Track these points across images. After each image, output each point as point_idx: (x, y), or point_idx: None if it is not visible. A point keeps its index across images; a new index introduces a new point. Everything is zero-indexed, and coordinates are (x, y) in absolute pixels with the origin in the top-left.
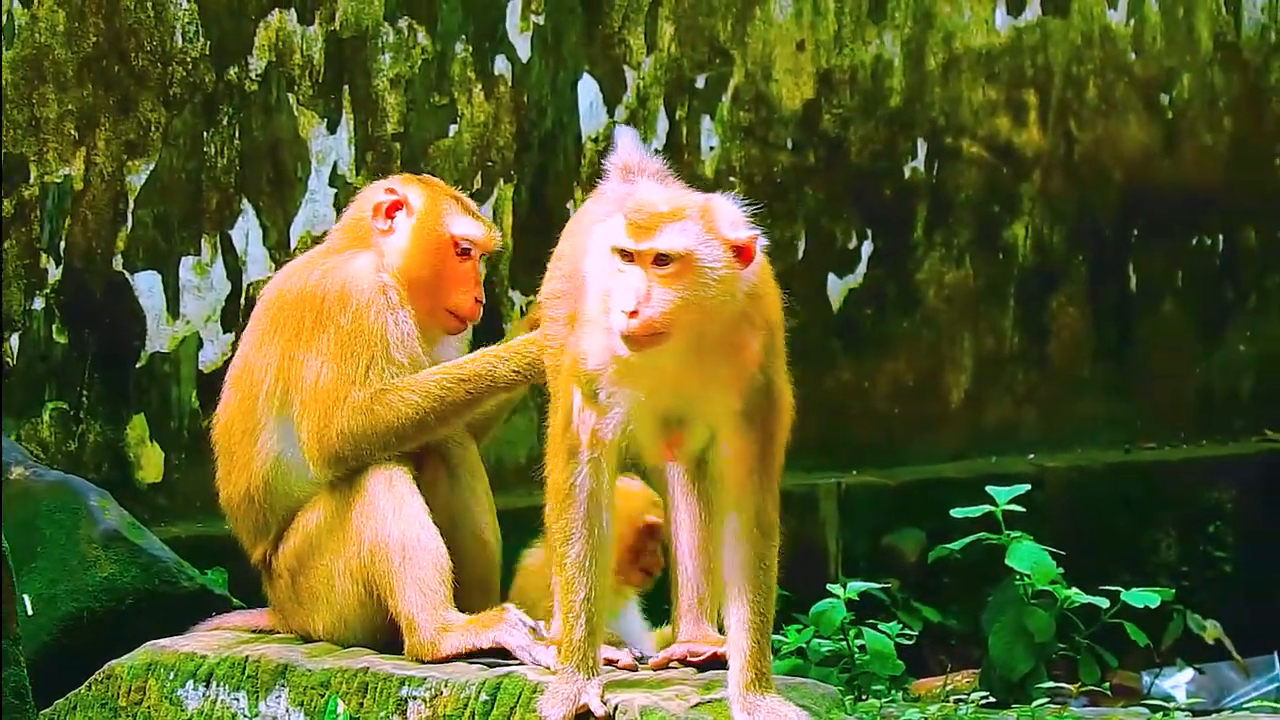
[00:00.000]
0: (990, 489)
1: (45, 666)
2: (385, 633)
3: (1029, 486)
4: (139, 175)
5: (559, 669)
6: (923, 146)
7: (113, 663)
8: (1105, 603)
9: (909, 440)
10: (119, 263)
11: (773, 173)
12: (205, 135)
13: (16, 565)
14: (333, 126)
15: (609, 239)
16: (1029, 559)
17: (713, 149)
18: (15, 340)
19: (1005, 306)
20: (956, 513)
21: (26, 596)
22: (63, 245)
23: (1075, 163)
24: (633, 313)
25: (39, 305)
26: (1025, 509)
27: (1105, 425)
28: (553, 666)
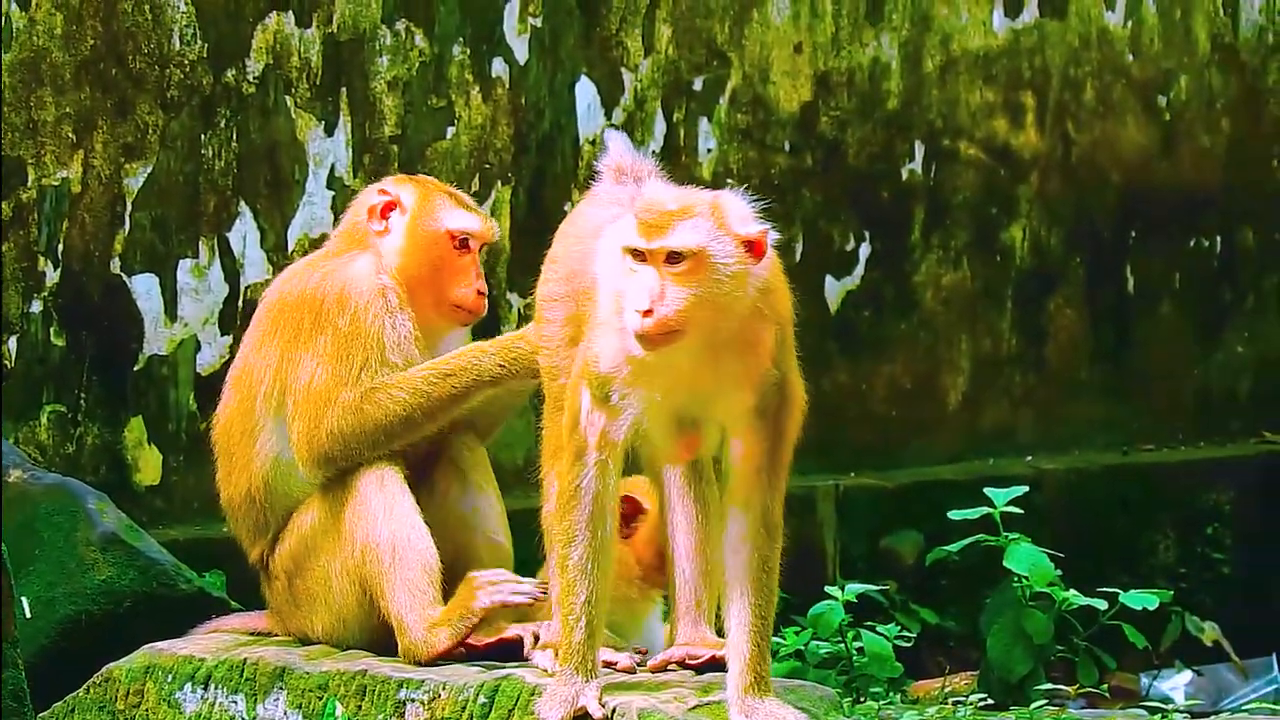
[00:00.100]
0: (988, 491)
1: (43, 669)
2: (383, 633)
3: (1027, 488)
4: (137, 178)
5: (557, 671)
6: (920, 148)
7: (111, 665)
8: (1103, 604)
9: (907, 442)
10: (117, 265)
11: (770, 175)
12: (203, 138)
13: (15, 568)
14: (330, 129)
15: (620, 239)
16: (1027, 561)
17: (710, 151)
18: (13, 343)
19: (1003, 308)
20: (954, 515)
21: (25, 599)
22: (60, 248)
23: (1073, 164)
24: (647, 312)
25: (37, 308)
26: (1023, 511)
27: (1103, 427)
28: (550, 669)
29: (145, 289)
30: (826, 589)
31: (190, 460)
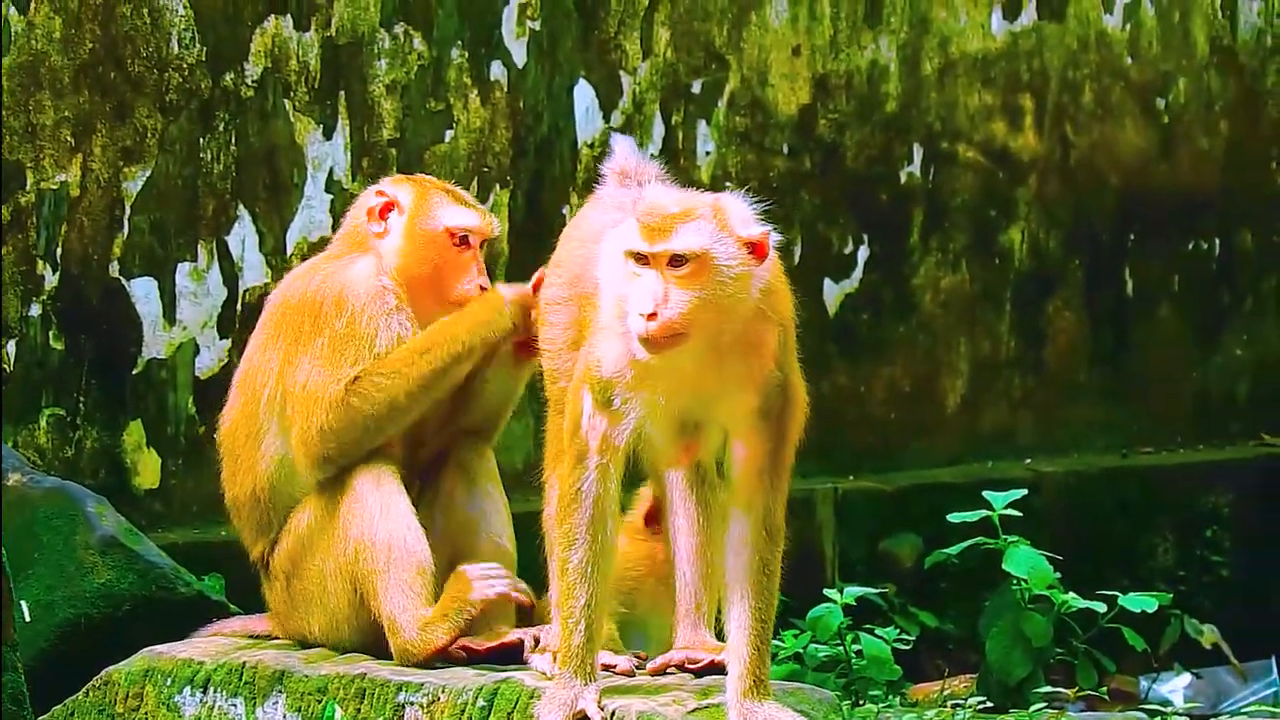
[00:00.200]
0: (987, 494)
1: (43, 673)
2: (377, 634)
3: (1026, 491)
4: (135, 181)
5: (556, 674)
6: (919, 151)
7: (110, 669)
8: (1102, 607)
9: (905, 445)
10: (115, 269)
11: (769, 178)
12: (201, 141)
13: (14, 571)
14: (329, 132)
15: (622, 243)
16: (1026, 564)
17: (709, 154)
18: (12, 347)
19: (1001, 311)
20: (953, 517)
21: (24, 603)
22: (59, 252)
23: (1071, 167)
24: (651, 315)
25: (36, 312)
26: (1022, 514)
27: (1102, 430)
28: (550, 672)
29: (144, 292)
30: (825, 592)
31: (189, 464)
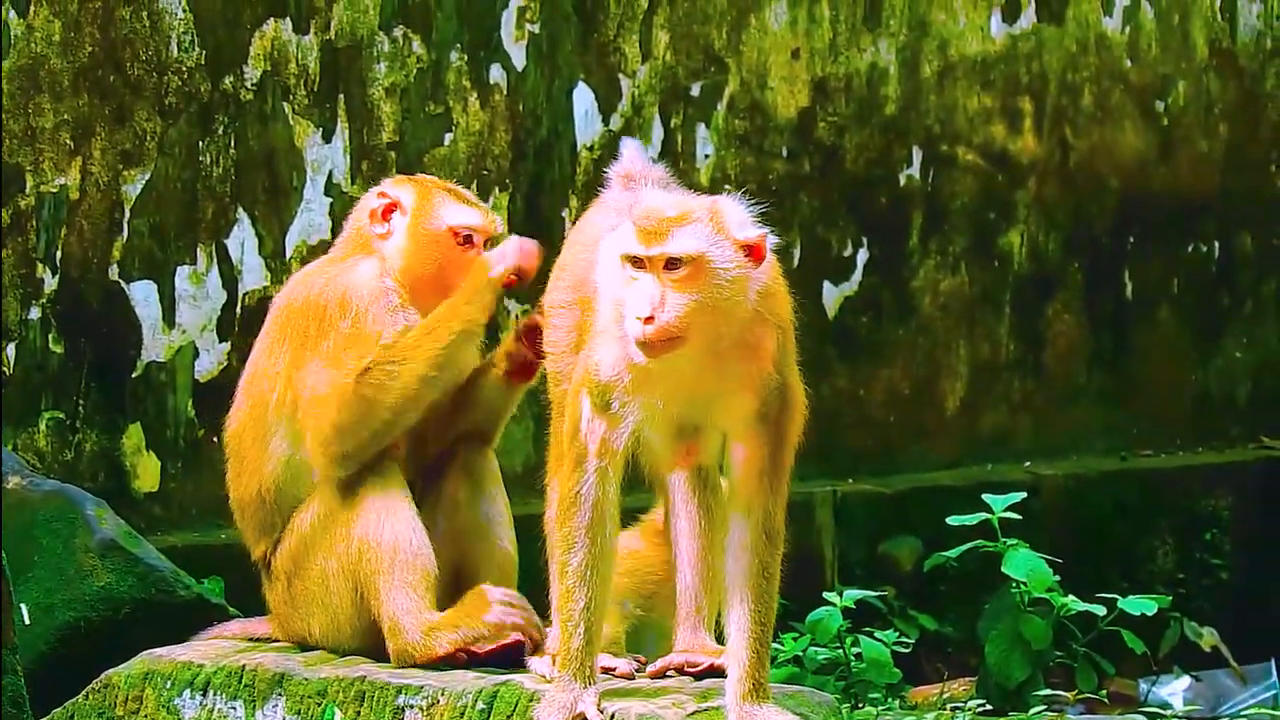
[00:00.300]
0: (986, 496)
1: (42, 676)
2: (377, 635)
3: (1025, 494)
4: (135, 185)
5: (556, 677)
6: (918, 154)
7: (109, 672)
8: (1102, 610)
9: (905, 448)
10: (115, 272)
11: (768, 181)
12: (201, 144)
13: (13, 574)
14: (328, 135)
15: (619, 247)
16: (1025, 566)
17: (708, 157)
18: (12, 350)
19: (1001, 314)
20: (953, 520)
21: (24, 606)
22: (59, 255)
23: (1070, 170)
24: (648, 319)
25: (35, 315)
26: (1021, 516)
27: (1101, 432)
28: (549, 675)
29: (143, 296)
30: (825, 595)
31: (189, 467)
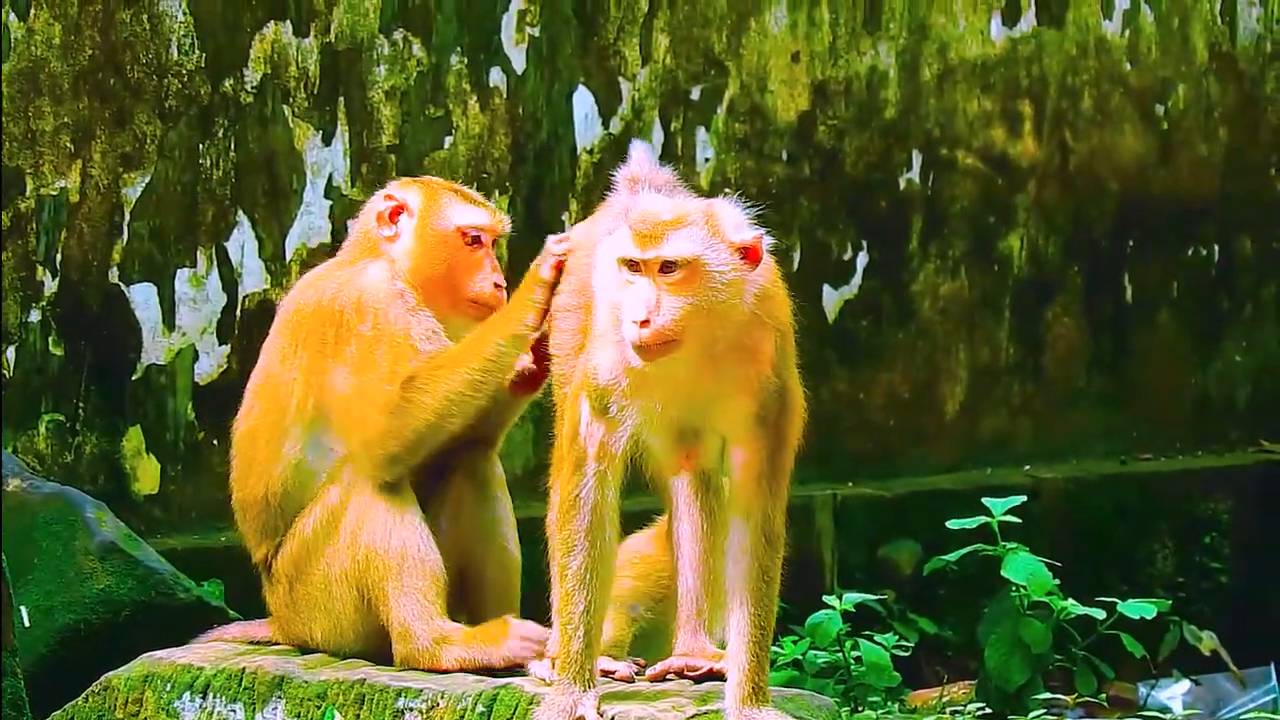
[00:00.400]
0: (986, 500)
1: (42, 678)
2: (380, 641)
3: (1025, 498)
4: (135, 188)
5: (555, 681)
6: (918, 158)
7: (109, 674)
8: (1101, 614)
9: (904, 452)
10: (115, 275)
11: (768, 184)
12: (201, 147)
13: (13, 577)
14: (328, 139)
15: (615, 250)
16: (1025, 570)
17: (708, 160)
18: (12, 353)
19: (1000, 318)
20: (952, 524)
21: (23, 608)
22: (59, 258)
23: (1070, 173)
24: (644, 322)
25: (35, 318)
26: (1021, 520)
27: (1101, 436)
28: (549, 679)
29: (143, 298)
30: (824, 598)
31: (188, 469)
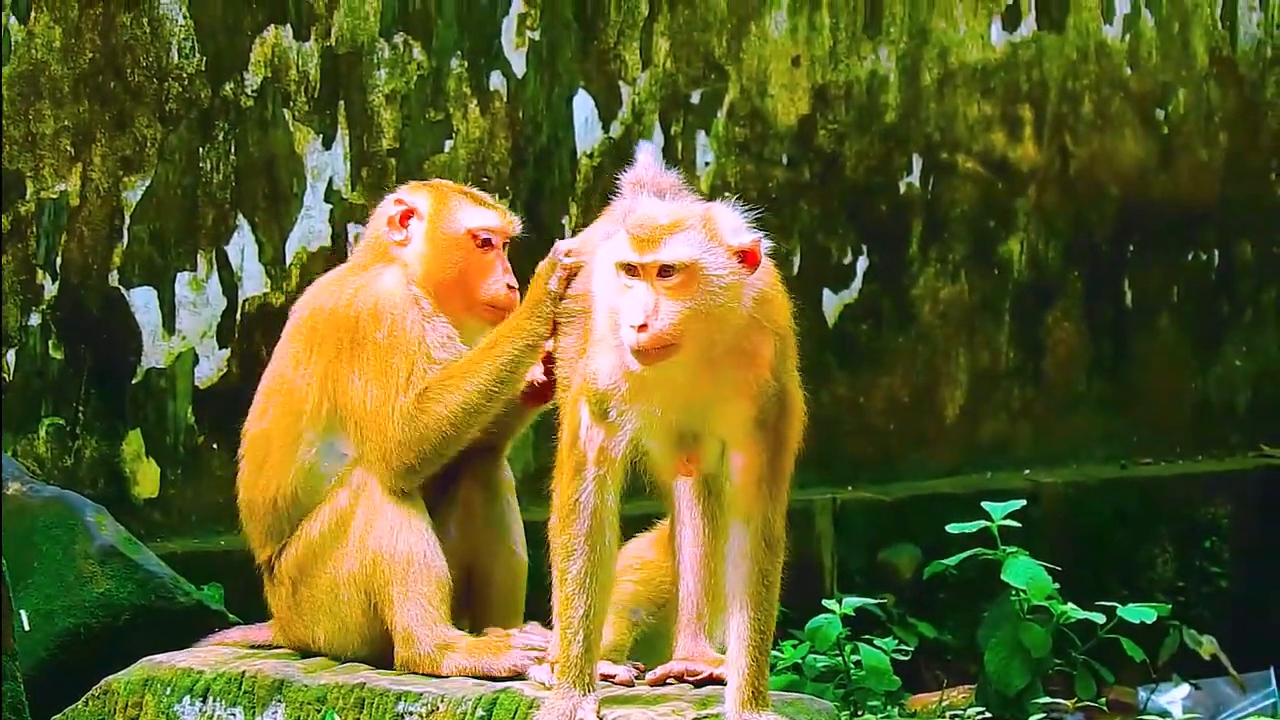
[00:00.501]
0: (986, 504)
1: (42, 682)
2: (384, 645)
3: (1025, 502)
4: (135, 191)
5: (555, 685)
6: (918, 162)
7: (109, 678)
8: (1101, 618)
9: (904, 456)
10: (115, 278)
11: (768, 188)
12: (201, 151)
13: (13, 581)
14: (328, 142)
15: (613, 255)
16: (1025, 574)
17: (708, 164)
18: (11, 356)
19: (1001, 322)
20: (952, 528)
21: (23, 612)
22: (59, 261)
23: (1071, 178)
24: (642, 326)
25: (35, 321)
26: (1021, 524)
27: (1101, 440)
28: (549, 683)
29: (143, 302)
30: (824, 602)
31: (188, 473)
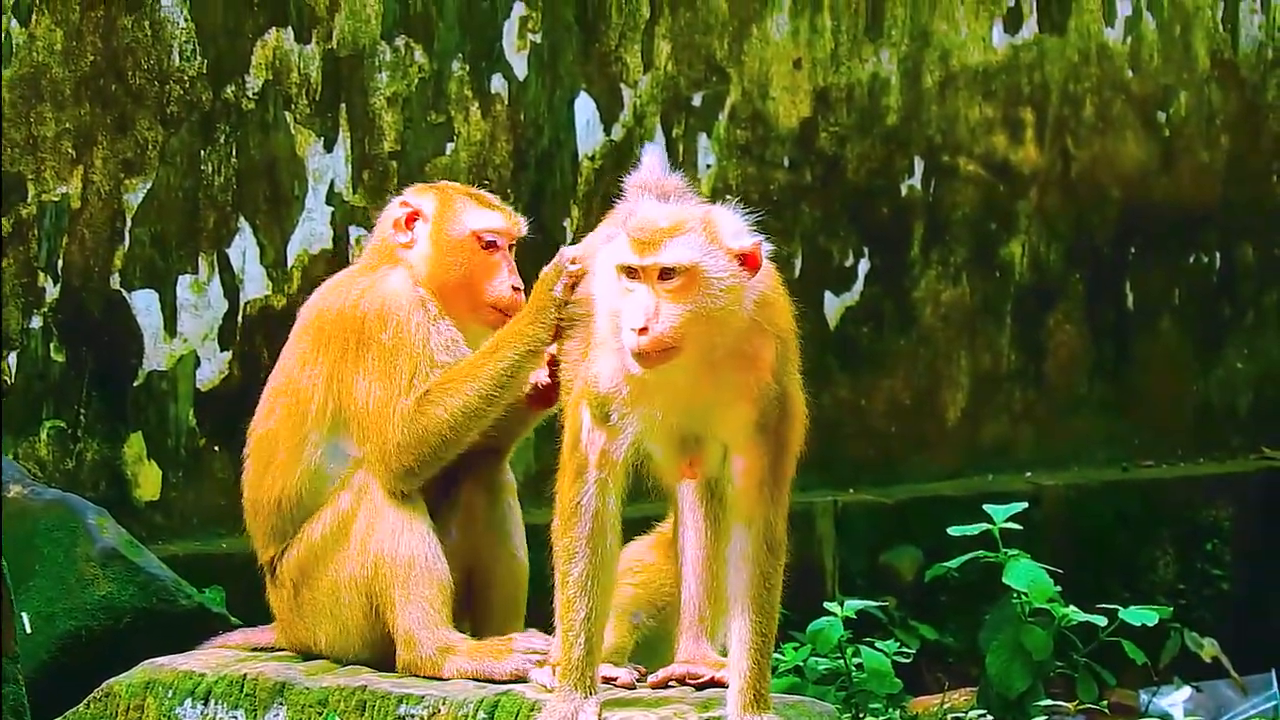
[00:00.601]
0: (987, 507)
1: (43, 685)
2: (386, 647)
3: (1026, 504)
4: (136, 194)
5: (557, 688)
6: (919, 164)
7: (111, 681)
8: (1103, 621)
9: (906, 458)
10: (116, 281)
11: (769, 191)
12: (202, 154)
13: (15, 583)
14: (330, 145)
15: (614, 258)
16: (1026, 577)
17: (709, 167)
18: (13, 359)
19: (1002, 324)
20: (954, 531)
21: (25, 615)
22: (60, 264)
23: (1072, 180)
24: (642, 329)
25: (37, 324)
26: (1022, 527)
27: (1103, 443)
28: (550, 685)
29: (145, 305)
30: (825, 605)
31: (190, 476)
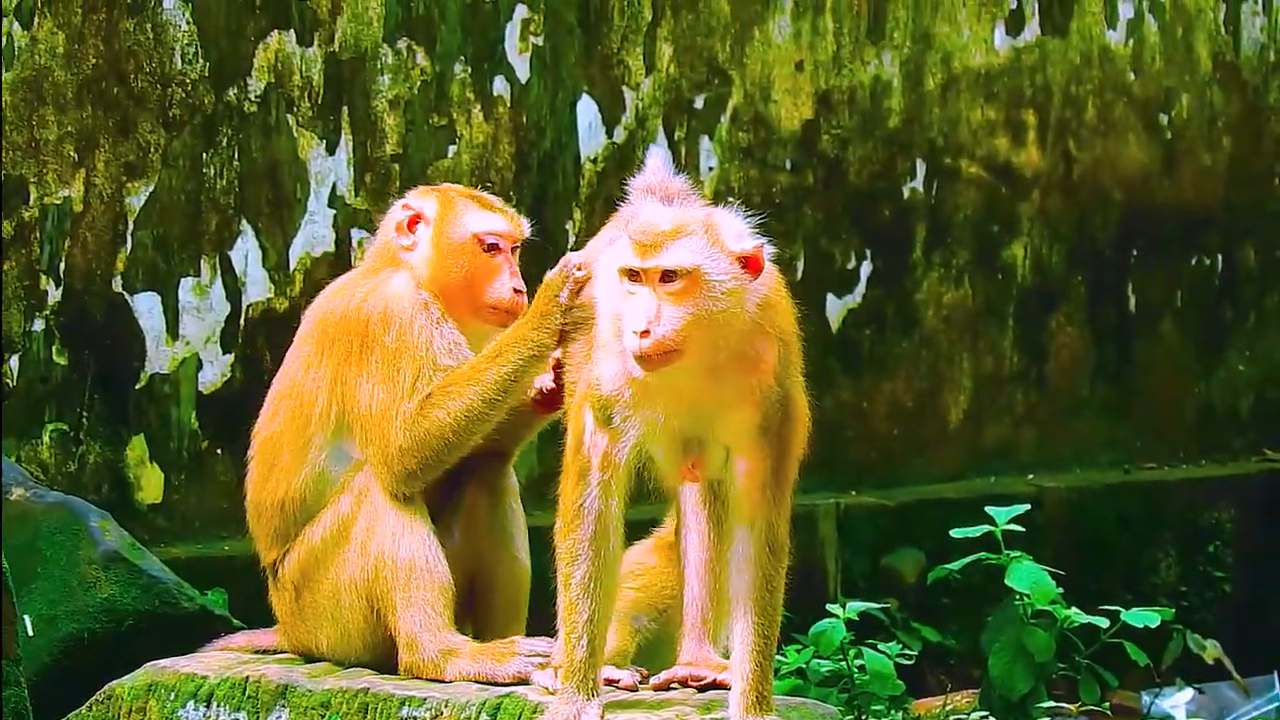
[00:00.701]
0: (989, 509)
1: (46, 687)
2: (387, 650)
3: (1028, 506)
4: (138, 197)
5: (560, 690)
6: (921, 167)
7: (113, 683)
8: (1105, 622)
9: (908, 460)
10: (118, 284)
11: (771, 193)
12: (204, 156)
13: (17, 586)
14: (332, 148)
15: (616, 261)
16: (1028, 579)
17: (711, 170)
18: (15, 361)
19: (1004, 326)
20: (956, 533)
21: (27, 617)
22: (62, 266)
23: (1074, 182)
24: (644, 332)
25: (39, 326)
26: (1025, 529)
27: (1105, 445)
28: (553, 688)
29: (147, 307)
30: (828, 607)
31: (192, 479)
